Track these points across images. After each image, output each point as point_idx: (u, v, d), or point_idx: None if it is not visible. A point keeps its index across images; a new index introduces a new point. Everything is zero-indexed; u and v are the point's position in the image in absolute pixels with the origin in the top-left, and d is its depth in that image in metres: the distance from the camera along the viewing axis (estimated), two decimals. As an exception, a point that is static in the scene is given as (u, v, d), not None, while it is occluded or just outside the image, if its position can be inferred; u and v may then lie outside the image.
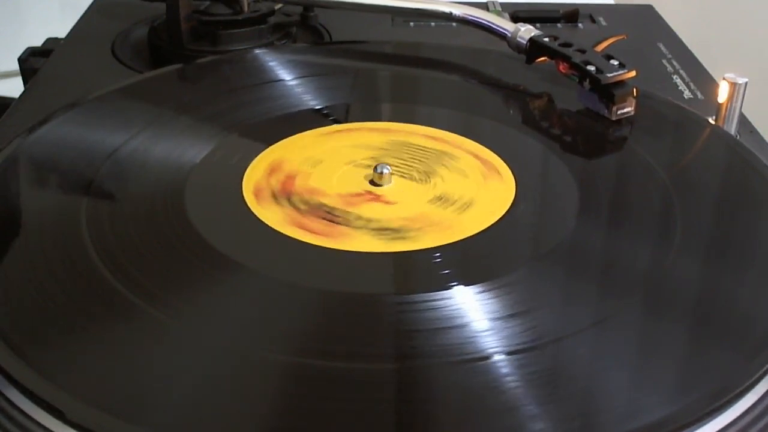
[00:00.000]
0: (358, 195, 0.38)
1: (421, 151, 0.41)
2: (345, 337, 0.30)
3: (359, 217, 0.37)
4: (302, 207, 0.37)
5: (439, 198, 0.38)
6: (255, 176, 0.39)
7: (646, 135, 0.44)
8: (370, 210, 0.37)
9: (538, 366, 0.29)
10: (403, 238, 0.35)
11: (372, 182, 0.39)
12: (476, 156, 0.41)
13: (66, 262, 0.33)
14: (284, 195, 0.38)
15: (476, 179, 0.39)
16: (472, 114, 0.47)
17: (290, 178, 0.39)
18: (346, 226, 0.36)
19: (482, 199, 0.38)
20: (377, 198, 0.38)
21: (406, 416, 0.28)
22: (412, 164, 0.40)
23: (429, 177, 0.40)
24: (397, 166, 0.40)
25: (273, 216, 0.37)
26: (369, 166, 0.40)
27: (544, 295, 0.33)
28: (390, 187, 0.39)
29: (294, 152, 0.42)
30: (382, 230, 0.36)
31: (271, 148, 0.42)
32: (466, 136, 0.43)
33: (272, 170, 0.40)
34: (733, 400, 0.28)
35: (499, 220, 0.37)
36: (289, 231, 0.36)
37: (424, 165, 0.40)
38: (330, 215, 0.37)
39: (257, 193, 0.38)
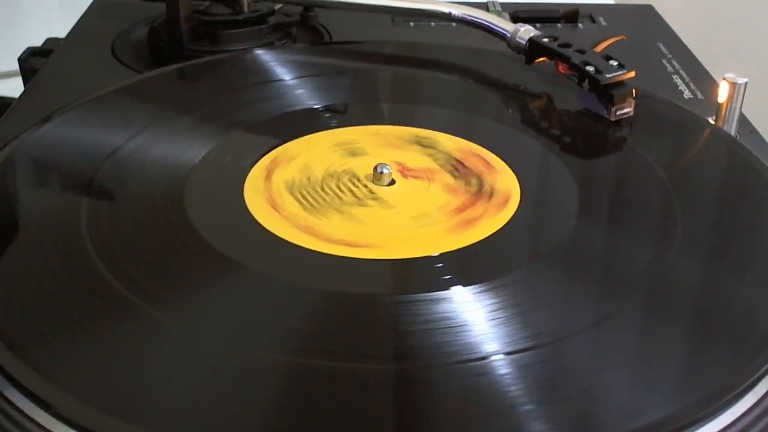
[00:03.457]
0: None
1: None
2: (344, 337, 0.30)
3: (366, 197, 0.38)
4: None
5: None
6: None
7: (645, 135, 0.44)
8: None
9: (538, 366, 0.29)
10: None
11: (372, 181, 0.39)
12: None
13: (66, 262, 0.33)
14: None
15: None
16: (471, 114, 0.47)
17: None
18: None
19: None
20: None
21: (405, 416, 0.28)
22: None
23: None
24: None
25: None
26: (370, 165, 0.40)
27: (544, 296, 0.33)
28: (387, 188, 0.39)
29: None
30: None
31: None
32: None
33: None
34: (733, 400, 0.28)
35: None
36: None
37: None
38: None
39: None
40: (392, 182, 0.39)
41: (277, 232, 0.36)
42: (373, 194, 0.39)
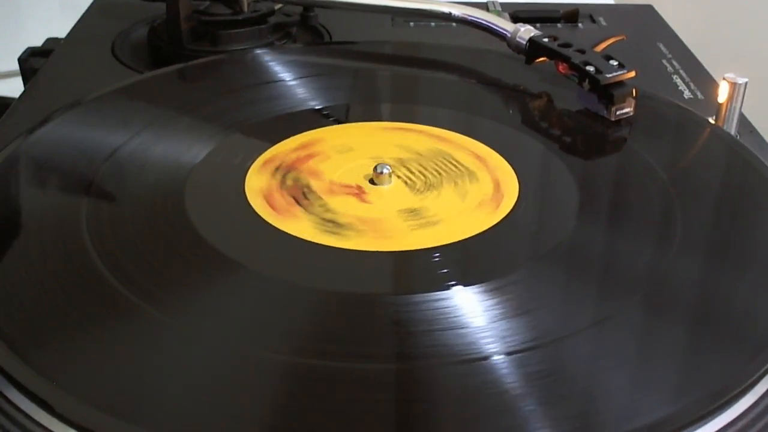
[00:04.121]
0: (346, 186, 0.39)
1: (451, 166, 0.41)
2: (344, 337, 0.30)
3: (323, 205, 0.37)
4: (288, 183, 0.38)
5: (412, 211, 0.37)
6: (282, 148, 0.41)
7: (645, 135, 0.44)
8: (341, 202, 0.38)
9: (538, 366, 0.29)
10: (339, 234, 0.36)
11: (371, 181, 0.39)
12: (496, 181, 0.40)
13: (66, 262, 0.33)
14: (287, 169, 0.39)
15: (470, 204, 0.38)
16: (471, 114, 0.47)
17: (309, 156, 0.41)
18: (304, 209, 0.37)
19: (456, 220, 0.37)
20: (359, 194, 0.38)
21: (405, 416, 0.28)
22: (427, 175, 0.40)
23: (429, 190, 0.39)
24: (412, 173, 0.40)
25: (258, 183, 0.38)
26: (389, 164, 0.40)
27: (544, 296, 0.33)
28: (383, 188, 0.39)
29: (334, 137, 0.43)
30: (328, 221, 0.36)
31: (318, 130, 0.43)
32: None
33: (302, 147, 0.41)
34: (733, 400, 0.28)
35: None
36: (255, 201, 0.37)
37: (437, 179, 0.40)
38: (302, 196, 0.38)
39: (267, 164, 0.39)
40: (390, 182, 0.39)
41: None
42: (361, 189, 0.39)
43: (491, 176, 0.40)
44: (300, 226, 0.36)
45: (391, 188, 0.39)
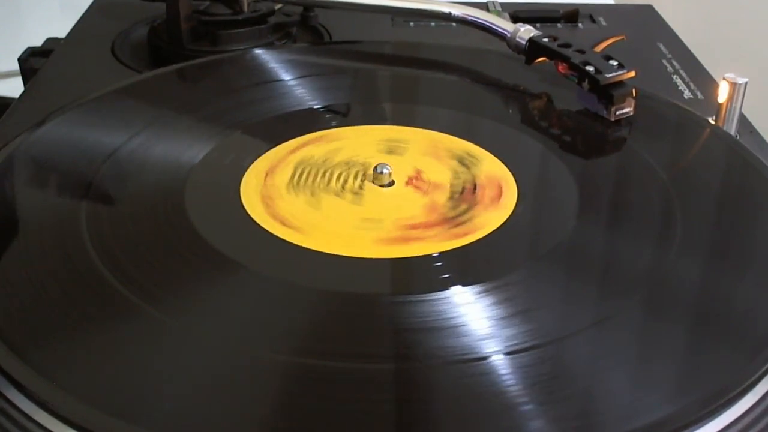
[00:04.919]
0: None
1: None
2: (344, 338, 0.30)
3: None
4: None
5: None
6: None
7: (645, 135, 0.44)
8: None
9: (538, 366, 0.29)
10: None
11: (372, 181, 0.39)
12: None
13: (66, 262, 0.33)
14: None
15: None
16: (471, 114, 0.47)
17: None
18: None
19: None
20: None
21: (405, 416, 0.28)
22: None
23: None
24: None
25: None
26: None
27: (544, 296, 0.33)
28: (379, 188, 0.39)
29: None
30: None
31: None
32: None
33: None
34: (733, 400, 0.28)
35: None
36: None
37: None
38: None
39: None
40: (391, 184, 0.39)
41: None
42: (360, 190, 0.39)
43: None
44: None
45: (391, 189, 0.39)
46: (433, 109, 0.47)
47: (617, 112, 0.44)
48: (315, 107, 0.46)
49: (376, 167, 0.39)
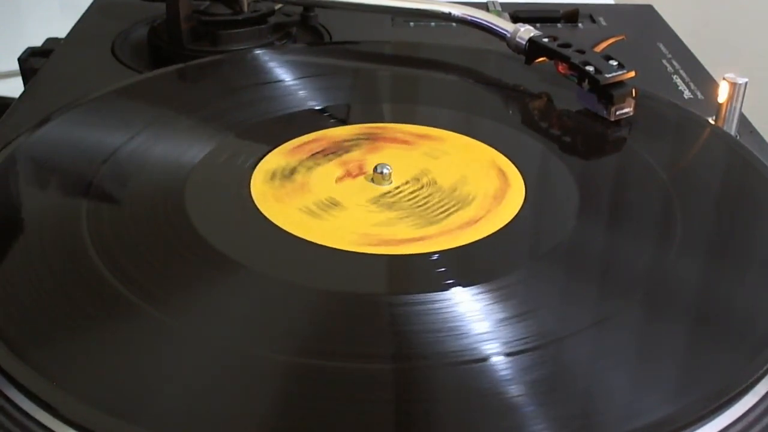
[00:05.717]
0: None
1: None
2: (344, 337, 0.30)
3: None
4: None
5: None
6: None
7: (645, 135, 0.44)
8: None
9: (538, 366, 0.29)
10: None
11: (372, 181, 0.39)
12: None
13: (66, 262, 0.33)
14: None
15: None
16: (471, 114, 0.47)
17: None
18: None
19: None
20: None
21: (405, 416, 0.28)
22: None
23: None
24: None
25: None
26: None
27: (544, 296, 0.33)
28: (379, 187, 0.39)
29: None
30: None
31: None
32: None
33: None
34: (733, 400, 0.28)
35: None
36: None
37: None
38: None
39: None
40: (390, 183, 0.39)
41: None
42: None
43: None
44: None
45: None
46: (432, 108, 0.47)
47: (617, 112, 0.44)
48: (315, 107, 0.46)
49: (376, 167, 0.39)
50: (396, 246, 0.35)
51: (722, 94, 0.44)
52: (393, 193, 0.39)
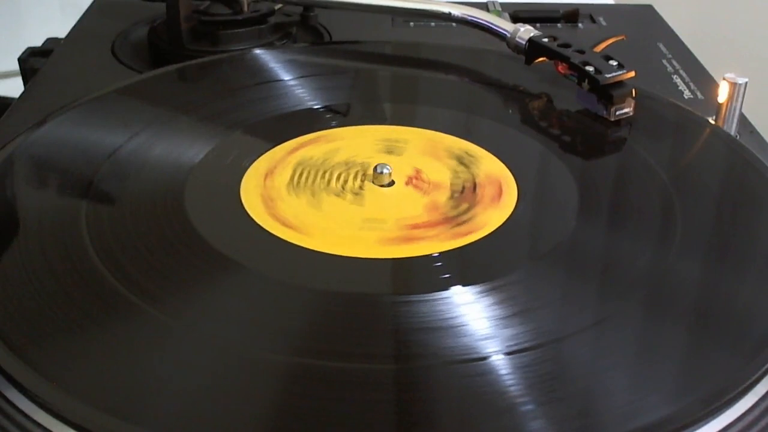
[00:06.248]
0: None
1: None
2: (344, 338, 0.30)
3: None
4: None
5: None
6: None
7: (645, 135, 0.44)
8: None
9: (538, 366, 0.29)
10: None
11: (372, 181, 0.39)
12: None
13: (66, 262, 0.33)
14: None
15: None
16: (471, 114, 0.47)
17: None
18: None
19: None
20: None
21: (405, 416, 0.28)
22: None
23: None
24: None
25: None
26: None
27: (544, 296, 0.33)
28: (379, 188, 0.39)
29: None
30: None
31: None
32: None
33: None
34: (733, 400, 0.28)
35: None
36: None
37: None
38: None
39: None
40: (391, 183, 0.39)
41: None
42: (360, 190, 0.39)
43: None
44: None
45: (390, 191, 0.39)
46: (433, 109, 0.47)
47: (617, 112, 0.44)
48: (315, 107, 0.46)
49: (376, 167, 0.39)
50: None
51: (722, 94, 0.44)
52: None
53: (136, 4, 0.58)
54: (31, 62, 0.54)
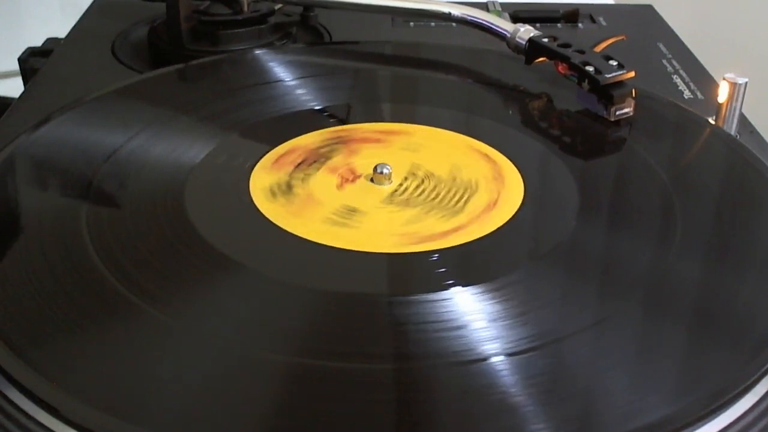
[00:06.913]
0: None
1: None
2: (344, 338, 0.30)
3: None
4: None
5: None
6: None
7: (645, 135, 0.44)
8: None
9: (538, 366, 0.29)
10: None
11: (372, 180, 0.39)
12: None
13: (66, 262, 0.33)
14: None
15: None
16: (471, 114, 0.47)
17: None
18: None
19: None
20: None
21: (405, 416, 0.28)
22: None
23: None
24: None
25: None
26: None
27: (544, 296, 0.33)
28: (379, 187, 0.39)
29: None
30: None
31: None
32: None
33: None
34: (733, 400, 0.28)
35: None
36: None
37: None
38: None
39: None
40: (391, 183, 0.39)
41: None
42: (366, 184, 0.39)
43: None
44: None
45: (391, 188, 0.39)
46: (432, 109, 0.47)
47: (617, 113, 0.44)
48: (315, 107, 0.46)
49: (376, 167, 0.39)
50: (440, 239, 0.35)
51: (722, 94, 0.44)
52: (399, 191, 0.39)
53: (136, 4, 0.58)
54: (31, 62, 0.54)
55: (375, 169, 0.39)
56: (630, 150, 0.43)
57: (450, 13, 0.52)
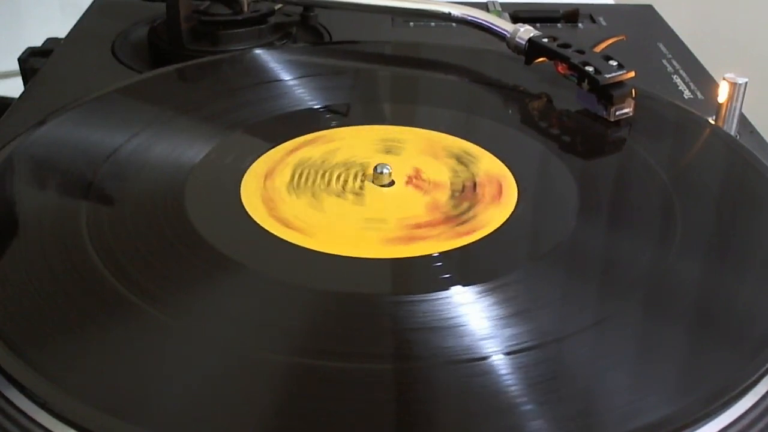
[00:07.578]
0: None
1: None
2: (344, 338, 0.30)
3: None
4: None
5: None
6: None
7: (645, 135, 0.44)
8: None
9: (538, 366, 0.29)
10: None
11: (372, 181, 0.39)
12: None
13: (66, 262, 0.33)
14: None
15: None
16: (471, 114, 0.47)
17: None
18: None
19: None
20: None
21: (405, 416, 0.28)
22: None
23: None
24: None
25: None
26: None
27: (544, 296, 0.33)
28: (379, 188, 0.39)
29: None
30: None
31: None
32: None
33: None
34: (733, 400, 0.28)
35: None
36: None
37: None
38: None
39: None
40: (391, 184, 0.39)
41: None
42: (360, 190, 0.39)
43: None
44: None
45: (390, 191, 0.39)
46: (432, 109, 0.47)
47: (617, 113, 0.44)
48: (315, 107, 0.46)
49: (376, 167, 0.39)
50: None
51: (722, 94, 0.44)
52: (399, 191, 0.39)
53: (136, 4, 0.58)
54: (31, 62, 0.54)
55: (375, 168, 0.39)
56: (630, 150, 0.43)
57: (450, 13, 0.52)
